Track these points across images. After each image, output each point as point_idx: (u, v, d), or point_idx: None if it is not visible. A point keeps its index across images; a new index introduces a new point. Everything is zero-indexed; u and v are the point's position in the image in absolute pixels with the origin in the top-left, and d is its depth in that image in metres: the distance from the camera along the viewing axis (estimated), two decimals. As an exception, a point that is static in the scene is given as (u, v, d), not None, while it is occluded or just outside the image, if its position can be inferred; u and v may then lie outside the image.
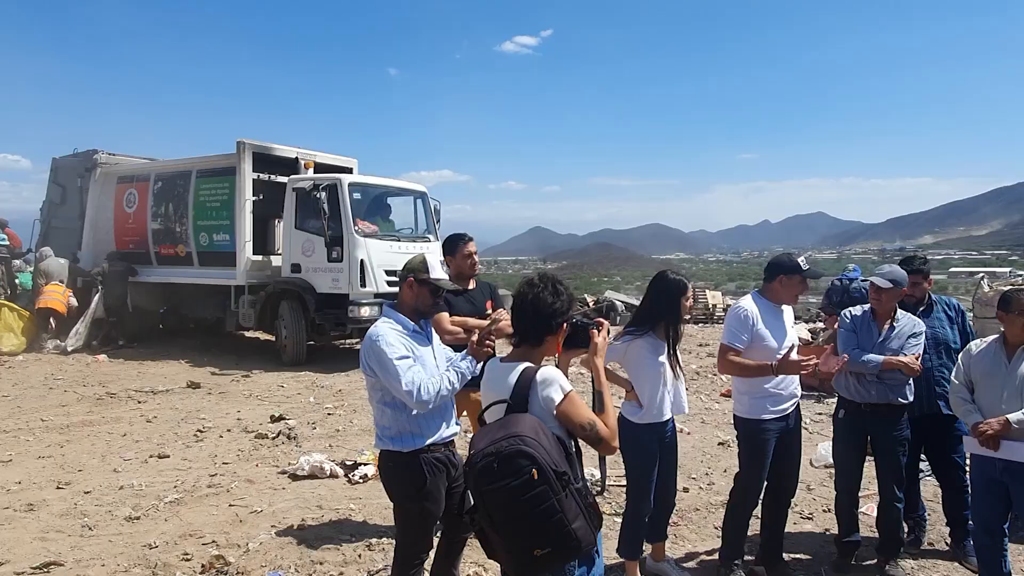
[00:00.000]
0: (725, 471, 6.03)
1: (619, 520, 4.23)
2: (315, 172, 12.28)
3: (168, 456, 6.65)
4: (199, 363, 11.86)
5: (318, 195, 11.18)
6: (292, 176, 12.17)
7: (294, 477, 5.98)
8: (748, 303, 4.05)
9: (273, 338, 12.58)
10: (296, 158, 12.73)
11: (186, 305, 13.96)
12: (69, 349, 12.69)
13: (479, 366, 3.05)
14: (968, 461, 4.00)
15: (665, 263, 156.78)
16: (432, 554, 3.47)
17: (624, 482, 4.33)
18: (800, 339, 8.97)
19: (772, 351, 3.92)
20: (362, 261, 11.20)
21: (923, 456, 4.73)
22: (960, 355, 3.96)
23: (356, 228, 11.30)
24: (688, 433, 7.25)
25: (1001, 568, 3.75)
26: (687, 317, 4.04)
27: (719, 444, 6.95)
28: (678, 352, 4.00)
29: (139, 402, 9.00)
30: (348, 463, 6.20)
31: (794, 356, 3.85)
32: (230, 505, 5.38)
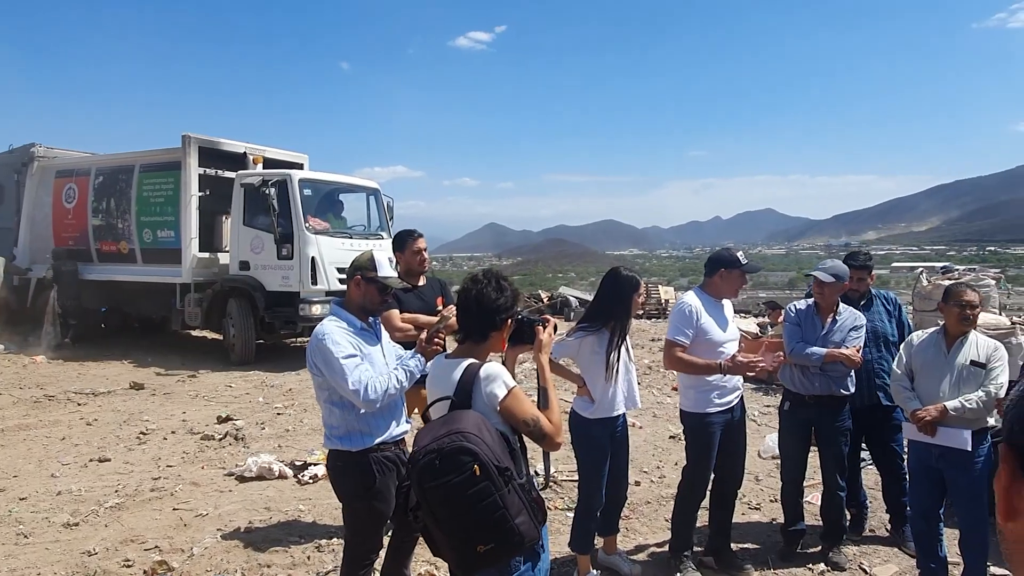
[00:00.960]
0: (676, 464, 6.11)
1: (571, 515, 4.25)
2: (265, 168, 12.05)
3: (109, 460, 6.43)
4: (143, 363, 11.52)
5: (267, 191, 10.97)
6: (240, 172, 11.90)
7: (241, 479, 5.84)
8: (691, 298, 4.11)
9: (221, 337, 12.30)
10: (244, 153, 12.44)
11: (129, 304, 13.53)
12: (45, 350, 12.35)
13: (428, 364, 3.03)
14: (906, 450, 4.13)
15: (619, 259, 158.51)
16: (382, 554, 3.44)
17: (576, 476, 4.35)
18: (748, 333, 9.14)
19: (716, 344, 3.99)
20: (313, 258, 11.03)
21: (864, 446, 4.87)
22: (902, 345, 4.08)
23: (307, 225, 11.12)
24: (640, 427, 7.33)
25: (937, 552, 3.88)
26: (640, 312, 4.07)
27: (670, 438, 7.03)
28: (622, 348, 3.97)
29: (79, 404, 8.69)
30: (298, 463, 6.09)
31: (740, 358, 3.92)
32: (174, 509, 5.23)
